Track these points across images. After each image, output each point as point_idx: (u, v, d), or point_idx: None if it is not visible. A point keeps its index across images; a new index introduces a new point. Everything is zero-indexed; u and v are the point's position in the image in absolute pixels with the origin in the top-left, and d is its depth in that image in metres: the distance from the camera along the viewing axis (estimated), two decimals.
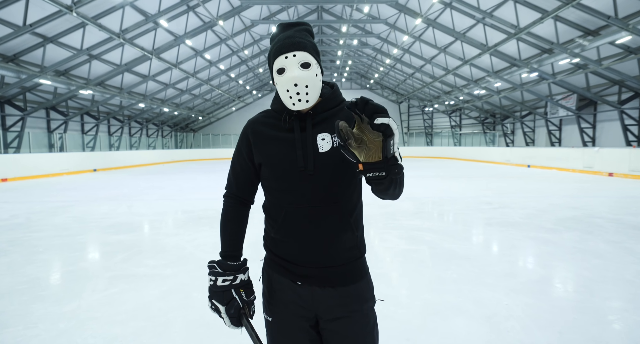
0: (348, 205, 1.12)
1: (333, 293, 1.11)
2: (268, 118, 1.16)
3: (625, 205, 6.89)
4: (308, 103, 1.06)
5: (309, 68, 1.04)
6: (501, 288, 3.05)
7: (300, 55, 1.03)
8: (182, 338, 2.30)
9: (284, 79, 1.03)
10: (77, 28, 12.96)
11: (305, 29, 1.12)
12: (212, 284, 1.12)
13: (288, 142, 1.09)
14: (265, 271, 1.22)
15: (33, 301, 2.83)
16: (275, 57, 1.05)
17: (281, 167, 1.09)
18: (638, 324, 2.44)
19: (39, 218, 6.05)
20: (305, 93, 1.04)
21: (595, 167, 13.08)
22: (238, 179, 1.20)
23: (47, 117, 17.55)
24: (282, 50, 1.04)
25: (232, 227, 1.19)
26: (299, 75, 1.02)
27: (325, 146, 1.08)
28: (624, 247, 4.14)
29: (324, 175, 1.07)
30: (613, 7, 10.49)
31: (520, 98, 21.38)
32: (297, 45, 1.04)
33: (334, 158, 1.07)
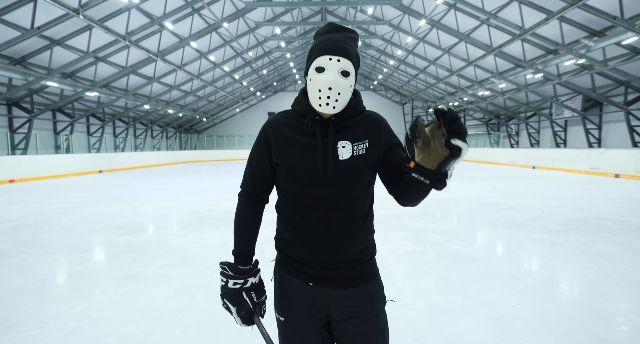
0: (361, 211, 1.13)
1: (345, 294, 1.13)
2: (289, 120, 1.16)
3: (631, 206, 6.85)
4: (334, 110, 1.06)
5: (347, 77, 1.04)
6: (508, 290, 3.05)
7: (344, 63, 1.04)
8: (192, 338, 2.32)
9: (320, 79, 1.04)
10: (84, 30, 13.09)
11: (354, 38, 1.12)
12: (224, 285, 1.14)
13: (308, 147, 1.10)
14: (277, 272, 1.23)
15: (43, 300, 2.87)
16: (320, 55, 1.05)
17: (299, 171, 1.10)
18: None
19: (46, 219, 6.11)
20: (335, 100, 1.04)
21: (601, 168, 13.00)
22: (255, 177, 1.19)
23: (53, 118, 17.71)
24: (329, 51, 1.04)
25: (247, 226, 1.21)
26: (337, 81, 1.03)
27: (345, 154, 1.09)
28: (631, 249, 4.13)
29: (341, 182, 1.08)
30: (619, 8, 10.44)
31: (525, 99, 21.28)
32: (344, 52, 1.05)
33: (353, 167, 1.08)
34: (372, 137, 1.12)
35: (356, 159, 1.09)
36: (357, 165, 1.09)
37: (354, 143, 1.10)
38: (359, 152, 1.10)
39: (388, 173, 1.14)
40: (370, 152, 1.11)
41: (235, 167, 20.34)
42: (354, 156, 1.09)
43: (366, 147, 1.10)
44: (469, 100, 24.96)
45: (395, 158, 1.13)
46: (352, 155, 1.09)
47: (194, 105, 27.21)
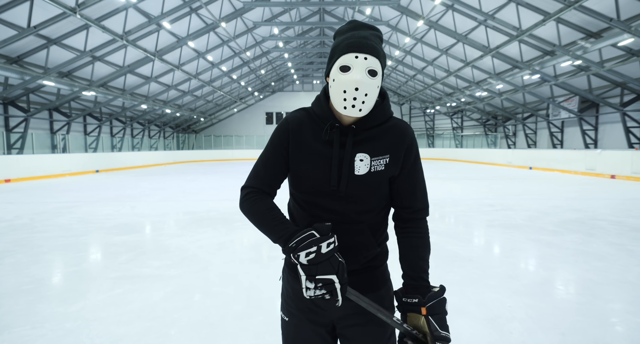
0: (373, 225, 1.09)
1: (350, 301, 1.07)
2: (311, 123, 1.08)
3: (627, 207, 6.88)
4: (361, 112, 0.98)
5: (374, 76, 0.97)
6: (504, 290, 3.06)
7: (372, 61, 0.97)
8: (187, 338, 2.31)
9: (345, 79, 0.95)
10: (81, 30, 13.05)
11: (379, 36, 1.05)
12: (315, 255, 0.90)
13: (325, 158, 1.03)
14: (285, 272, 1.19)
15: (39, 301, 2.85)
16: (344, 53, 0.97)
17: (312, 181, 1.04)
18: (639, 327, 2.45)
19: (42, 218, 6.08)
20: (362, 101, 0.96)
21: (598, 169, 13.07)
22: (268, 173, 1.09)
23: (50, 118, 17.63)
24: (355, 48, 0.96)
25: (276, 209, 1.04)
26: (363, 81, 0.95)
27: (362, 169, 1.02)
28: (626, 249, 4.15)
29: (355, 197, 1.03)
30: (615, 10, 10.51)
31: (522, 100, 21.37)
32: (371, 49, 0.97)
33: (369, 183, 1.03)
34: (394, 152, 1.05)
35: (373, 175, 1.03)
36: (373, 182, 1.03)
37: (373, 158, 1.03)
38: (377, 168, 1.03)
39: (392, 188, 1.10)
40: (389, 168, 1.04)
41: (233, 167, 20.31)
42: (371, 172, 1.02)
43: (386, 162, 1.04)
44: (467, 100, 25.03)
45: (403, 182, 1.08)
46: (369, 170, 1.02)
47: (191, 104, 27.16)
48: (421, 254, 1.08)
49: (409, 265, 1.07)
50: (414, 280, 1.05)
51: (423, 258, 1.07)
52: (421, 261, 1.07)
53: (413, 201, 1.09)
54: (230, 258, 4.00)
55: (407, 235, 1.10)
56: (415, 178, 1.09)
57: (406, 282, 1.07)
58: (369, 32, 1.02)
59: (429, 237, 1.12)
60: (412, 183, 1.09)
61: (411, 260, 1.07)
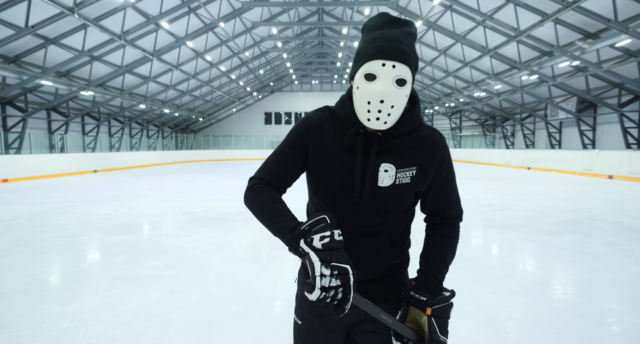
0: (393, 236, 1.03)
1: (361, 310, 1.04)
2: (334, 125, 1.00)
3: (625, 207, 6.91)
4: (386, 125, 0.90)
5: (403, 86, 0.88)
6: (501, 290, 3.07)
7: (401, 69, 0.87)
8: (184, 339, 2.31)
9: (370, 89, 0.87)
10: (79, 29, 13.02)
11: (413, 34, 0.93)
12: (330, 240, 0.82)
13: (347, 166, 0.96)
14: (300, 274, 1.15)
15: (36, 301, 2.85)
16: (370, 59, 0.87)
17: (332, 189, 0.99)
18: (637, 327, 2.46)
19: (40, 218, 6.07)
20: (387, 114, 0.88)
21: (595, 170, 13.11)
22: (280, 170, 1.02)
23: (48, 118, 17.59)
24: (383, 54, 0.86)
25: (281, 202, 0.97)
26: (390, 91, 0.86)
27: (386, 180, 0.95)
28: (623, 250, 4.16)
29: (376, 209, 0.97)
30: (613, 10, 10.54)
31: (521, 100, 21.43)
32: (402, 56, 0.87)
33: (392, 195, 0.96)
34: (423, 165, 0.97)
35: (397, 188, 0.96)
36: (397, 195, 0.97)
37: (399, 169, 0.96)
38: (403, 181, 0.96)
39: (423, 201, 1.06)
40: (415, 181, 0.97)
41: (231, 167, 20.30)
42: (396, 184, 0.96)
43: (412, 175, 0.96)
44: (465, 101, 25.07)
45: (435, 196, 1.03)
46: (394, 182, 0.96)
47: (190, 104, 27.13)
48: (443, 256, 1.04)
49: (427, 263, 1.04)
50: (428, 277, 1.02)
51: (444, 261, 1.04)
52: (442, 263, 1.03)
53: (446, 211, 1.05)
54: (228, 258, 4.00)
55: (434, 235, 1.07)
56: (449, 188, 1.04)
57: (419, 277, 1.04)
58: (400, 30, 0.91)
59: (457, 243, 1.06)
60: (445, 195, 1.03)
61: (431, 258, 1.04)
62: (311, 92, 35.72)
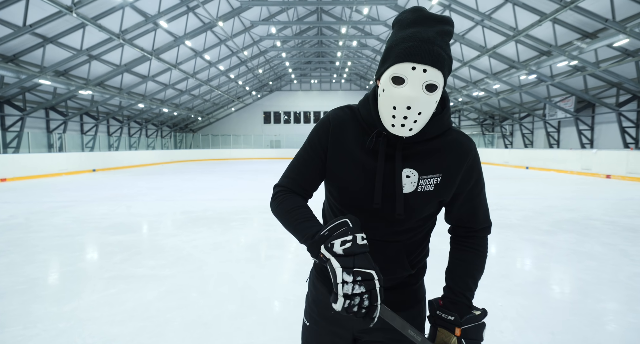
0: (409, 245, 0.97)
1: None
2: (355, 125, 0.95)
3: (621, 207, 6.93)
4: (411, 132, 0.84)
5: (433, 92, 0.81)
6: (496, 289, 3.08)
7: (432, 73, 0.79)
8: (180, 338, 2.32)
9: (397, 94, 0.81)
10: (77, 28, 13.00)
11: (449, 32, 0.85)
12: (352, 244, 0.77)
13: (367, 170, 0.91)
14: (312, 275, 1.12)
15: (32, 301, 2.85)
16: (400, 60, 0.80)
17: (351, 193, 0.93)
18: (630, 326, 2.48)
19: (38, 218, 6.07)
20: (413, 121, 0.82)
21: (593, 169, 13.14)
22: (302, 175, 0.98)
23: (46, 117, 17.57)
24: (414, 57, 0.79)
25: (305, 207, 0.93)
26: (419, 98, 0.80)
27: (407, 186, 0.89)
28: (618, 249, 4.18)
29: (395, 216, 0.91)
30: (611, 10, 10.56)
31: (519, 100, 21.45)
32: (434, 59, 0.79)
33: (412, 203, 0.90)
34: (449, 173, 0.90)
35: (419, 196, 0.90)
36: (418, 203, 0.90)
37: (422, 176, 0.89)
38: (426, 188, 0.90)
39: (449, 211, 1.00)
40: (439, 189, 0.91)
41: (230, 166, 20.30)
42: (418, 191, 0.90)
43: (436, 183, 0.90)
44: (464, 100, 25.09)
45: (463, 206, 0.96)
46: (416, 189, 0.89)
47: (189, 104, 27.11)
48: (471, 271, 0.97)
49: (454, 279, 0.97)
50: (455, 295, 0.95)
51: (472, 277, 0.97)
52: (470, 278, 0.96)
53: (473, 222, 0.98)
54: (225, 257, 4.00)
55: (462, 249, 0.99)
56: (478, 200, 0.96)
57: (446, 295, 0.97)
58: (435, 29, 0.83)
59: (485, 258, 0.99)
60: (472, 205, 0.96)
61: (458, 274, 0.97)
62: (310, 91, 35.71)
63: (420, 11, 0.85)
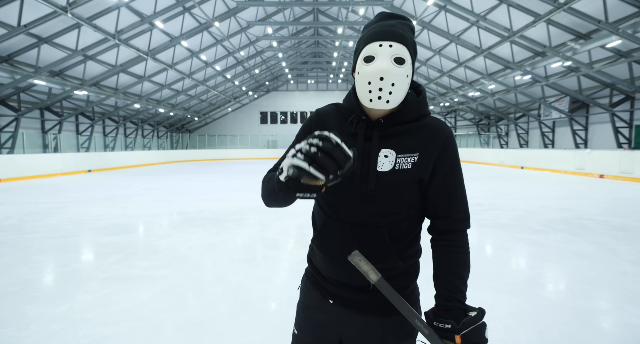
0: (395, 232, 0.97)
1: (364, 322, 0.99)
2: (339, 116, 1.02)
3: (613, 206, 7.01)
4: (388, 104, 0.89)
5: (402, 64, 0.88)
6: (487, 288, 3.12)
7: (398, 48, 0.88)
8: (174, 339, 2.34)
9: (369, 69, 0.88)
10: (72, 29, 12.95)
11: (409, 25, 0.96)
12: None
13: None
14: (303, 281, 1.14)
15: (26, 302, 2.86)
16: (368, 42, 0.90)
17: None
18: (617, 324, 2.53)
19: (32, 219, 6.06)
20: (388, 91, 0.87)
21: (587, 169, 13.25)
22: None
23: (41, 117, 17.48)
24: (379, 36, 0.89)
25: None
26: (389, 69, 0.86)
27: (385, 165, 0.93)
28: (608, 248, 4.24)
29: (375, 196, 0.94)
30: (603, 12, 10.66)
31: (514, 100, 21.57)
32: (397, 36, 0.89)
33: (391, 181, 0.93)
34: (425, 151, 0.93)
35: (397, 173, 0.92)
36: (397, 180, 0.92)
37: (399, 155, 0.93)
38: (403, 166, 0.93)
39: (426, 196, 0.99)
40: (417, 168, 0.93)
41: (227, 167, 20.28)
42: (395, 169, 0.92)
43: (414, 161, 0.93)
44: (460, 100, 25.20)
45: (438, 188, 0.96)
46: (393, 168, 0.93)
47: (185, 104, 27.06)
48: (457, 271, 0.95)
49: (442, 284, 0.96)
50: (447, 300, 0.93)
51: (459, 277, 0.95)
52: (457, 279, 0.95)
53: (450, 210, 0.97)
54: (219, 258, 4.02)
55: (442, 249, 0.99)
56: (454, 184, 0.97)
57: (438, 303, 0.95)
58: (396, 21, 0.95)
59: (469, 253, 0.98)
60: (449, 189, 0.96)
61: (445, 277, 0.96)
62: (307, 91, 35.73)
63: (382, 13, 0.99)
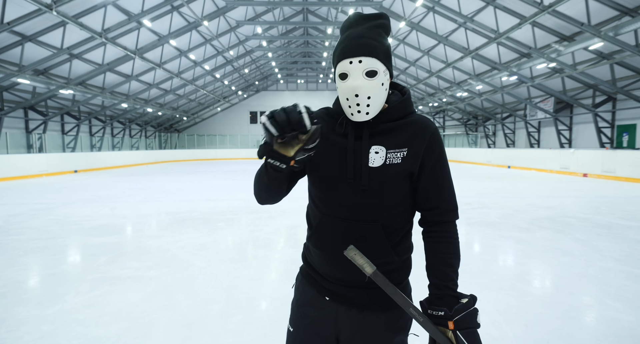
0: (389, 227, 1.01)
1: (359, 317, 1.02)
2: (327, 117, 1.07)
3: (596, 205, 7.21)
4: (368, 116, 0.95)
5: (374, 77, 0.93)
6: (475, 285, 3.20)
7: (367, 62, 0.92)
8: (166, 338, 2.35)
9: (344, 87, 0.94)
10: (57, 27, 12.70)
11: (380, 24, 0.98)
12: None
13: (339, 148, 1.01)
14: (298, 279, 1.17)
15: (15, 304, 2.83)
16: (339, 60, 0.94)
17: (326, 173, 1.01)
18: (599, 318, 2.62)
19: (18, 220, 5.95)
20: (366, 105, 0.93)
21: (571, 168, 13.57)
22: None
23: (25, 117, 17.10)
24: (348, 53, 0.93)
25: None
26: (361, 85, 0.92)
27: (377, 161, 0.97)
28: (590, 245, 4.38)
29: (369, 190, 0.98)
30: (586, 15, 10.93)
31: (501, 100, 21.93)
32: (365, 49, 0.92)
33: (383, 175, 0.97)
34: (413, 146, 0.98)
35: (388, 168, 0.97)
36: (389, 175, 0.97)
37: (389, 150, 0.98)
38: (393, 161, 0.97)
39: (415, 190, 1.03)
40: (406, 162, 0.98)
41: (216, 167, 20.15)
42: (386, 164, 0.97)
43: (403, 156, 0.97)
44: (448, 101, 25.51)
45: (426, 181, 1.00)
46: (384, 163, 0.97)
47: (173, 103, 26.77)
48: (448, 261, 0.99)
49: (434, 273, 0.99)
50: (439, 289, 0.97)
51: (450, 266, 0.98)
52: (448, 268, 0.98)
53: (438, 202, 1.02)
54: (211, 258, 4.02)
55: (433, 240, 1.03)
56: (441, 176, 1.02)
57: (431, 292, 0.99)
58: (366, 26, 0.97)
59: (458, 243, 1.02)
60: (436, 181, 1.01)
61: (436, 267, 0.99)
62: (297, 91, 35.70)
63: (355, 15, 1.00)
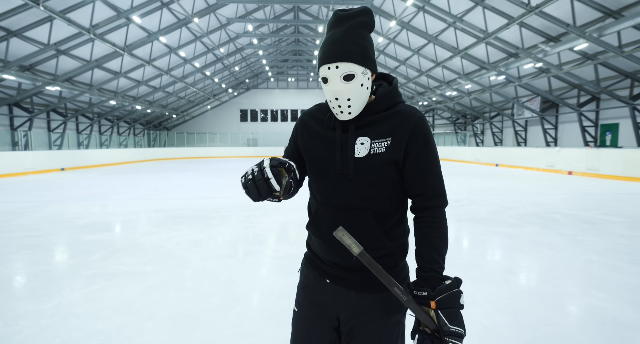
0: (380, 213, 1.06)
1: (356, 298, 1.08)
2: (318, 113, 1.16)
3: (581, 201, 7.43)
4: (350, 116, 1.02)
5: (352, 80, 0.98)
6: (467, 278, 3.30)
7: (343, 67, 0.97)
8: (168, 330, 2.38)
9: (326, 90, 1.02)
10: (44, 22, 12.46)
11: (360, 23, 1.02)
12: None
13: (328, 142, 1.08)
14: (302, 264, 1.24)
15: (11, 299, 2.82)
16: (320, 65, 1.01)
17: (318, 165, 1.10)
18: (583, 307, 2.74)
19: (6, 218, 5.87)
20: (347, 106, 1.00)
21: (557, 166, 13.89)
22: (287, 153, 1.23)
23: (10, 113, 16.74)
24: (326, 59, 0.99)
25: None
26: (340, 89, 0.99)
27: (362, 151, 1.03)
28: (575, 239, 4.53)
29: (357, 180, 1.04)
30: (572, 16, 11.20)
31: (489, 99, 22.28)
32: (341, 55, 0.97)
33: (369, 165, 1.03)
34: (396, 135, 1.03)
35: (373, 157, 1.02)
36: (374, 164, 1.02)
37: (374, 141, 1.03)
38: (377, 150, 1.03)
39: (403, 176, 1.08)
40: (390, 151, 1.02)
41: (207, 165, 20.02)
42: (371, 154, 1.03)
43: (387, 145, 1.02)
44: (438, 99, 25.81)
45: (412, 168, 1.04)
46: (369, 152, 1.03)
47: (163, 101, 26.48)
48: (434, 244, 1.02)
49: (421, 256, 1.03)
50: (424, 271, 1.01)
51: (436, 248, 1.02)
52: (433, 251, 1.02)
53: (425, 188, 1.05)
54: (206, 254, 4.05)
55: (421, 225, 1.06)
56: (427, 163, 1.05)
57: (417, 274, 1.03)
58: (346, 27, 1.01)
59: (445, 228, 1.06)
60: (423, 168, 1.04)
61: (423, 251, 1.03)
62: (287, 89, 35.64)
63: (335, 14, 1.03)
